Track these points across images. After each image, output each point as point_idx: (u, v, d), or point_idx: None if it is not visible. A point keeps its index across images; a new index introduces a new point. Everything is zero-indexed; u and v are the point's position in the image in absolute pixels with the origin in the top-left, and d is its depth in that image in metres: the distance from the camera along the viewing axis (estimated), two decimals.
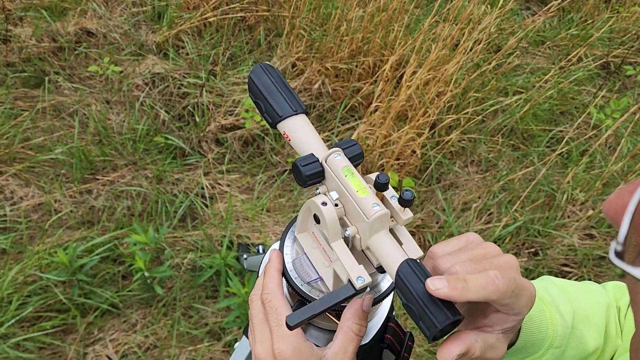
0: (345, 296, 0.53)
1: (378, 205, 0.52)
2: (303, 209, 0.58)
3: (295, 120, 0.59)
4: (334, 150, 0.56)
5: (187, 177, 2.25)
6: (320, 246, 0.59)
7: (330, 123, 2.42)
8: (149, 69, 2.51)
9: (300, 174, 0.54)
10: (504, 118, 2.44)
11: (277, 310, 0.57)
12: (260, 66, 0.62)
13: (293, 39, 2.50)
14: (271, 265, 0.61)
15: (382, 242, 0.52)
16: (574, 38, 2.97)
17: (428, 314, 0.46)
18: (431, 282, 0.47)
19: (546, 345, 0.62)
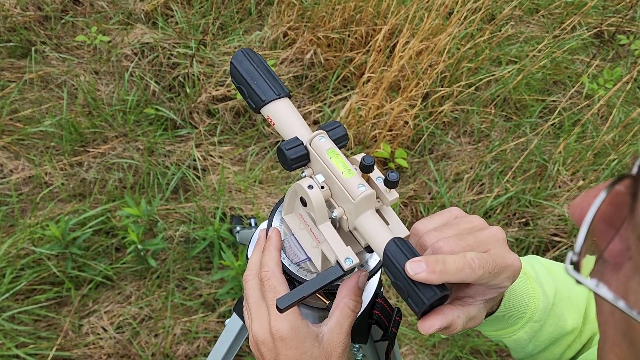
0: (334, 277, 0.53)
1: (363, 186, 0.52)
2: (289, 192, 0.59)
3: (278, 104, 0.58)
4: (318, 133, 0.56)
5: (179, 148, 2.24)
6: (307, 227, 0.59)
7: (322, 93, 2.40)
8: (138, 38, 2.46)
9: (286, 158, 0.54)
10: (497, 88, 2.43)
11: (276, 289, 0.57)
12: (241, 51, 0.61)
13: (284, 8, 2.45)
14: (270, 244, 0.61)
15: (368, 222, 0.53)
16: (569, 6, 2.93)
17: (416, 291, 0.47)
18: (409, 265, 0.48)
19: (525, 319, 0.63)
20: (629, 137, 2.26)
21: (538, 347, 0.65)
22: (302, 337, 0.54)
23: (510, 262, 0.50)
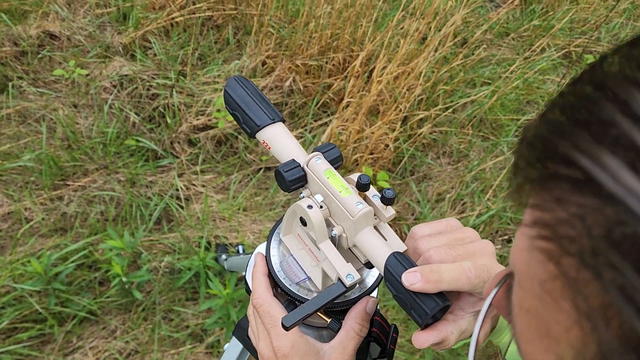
0: (336, 294, 0.55)
1: (361, 204, 0.53)
2: (288, 213, 0.60)
3: (273, 128, 0.60)
4: (314, 155, 0.57)
5: (161, 179, 2.23)
6: (306, 247, 0.60)
7: (302, 120, 2.43)
8: (117, 70, 2.47)
9: (284, 180, 0.56)
10: (473, 109, 2.48)
11: (270, 313, 0.59)
12: (234, 79, 0.63)
13: (262, 37, 2.49)
14: (257, 270, 0.63)
15: (368, 239, 0.54)
16: (537, 29, 3.04)
17: (418, 302, 0.48)
18: (405, 277, 0.49)
19: (507, 325, 0.65)
20: None
21: None
22: (303, 353, 0.56)
23: None
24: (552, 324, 0.25)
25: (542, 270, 0.25)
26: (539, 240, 0.25)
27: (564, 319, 0.24)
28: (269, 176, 2.32)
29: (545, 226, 0.25)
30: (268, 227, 2.15)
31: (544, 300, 0.25)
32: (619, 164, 0.21)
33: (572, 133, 0.23)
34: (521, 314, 0.28)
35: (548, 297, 0.25)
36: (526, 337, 0.28)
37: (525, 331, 0.28)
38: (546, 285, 0.25)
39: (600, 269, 0.21)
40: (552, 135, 0.25)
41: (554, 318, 0.25)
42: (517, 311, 0.29)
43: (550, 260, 0.24)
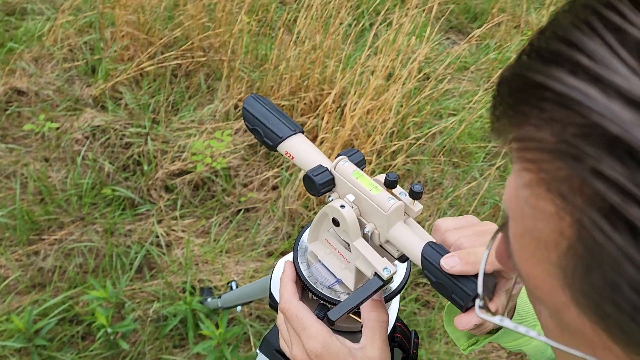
0: (375, 287, 0.56)
1: (393, 199, 0.56)
2: (317, 218, 0.62)
3: (295, 139, 0.63)
4: (341, 158, 0.60)
5: (140, 227, 2.20)
6: (335, 250, 0.62)
7: (278, 159, 2.45)
8: (88, 122, 2.46)
9: (314, 184, 0.58)
10: (443, 139, 2.57)
11: (298, 316, 0.60)
12: (251, 97, 0.66)
13: (233, 81, 2.54)
14: (285, 276, 0.64)
15: (401, 232, 0.56)
16: (493, 61, 3.20)
17: (459, 285, 0.50)
18: (444, 261, 0.51)
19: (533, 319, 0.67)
20: None
21: None
22: (335, 352, 0.57)
23: None
24: (540, 230, 0.29)
25: (527, 188, 0.29)
26: (522, 163, 0.29)
27: (547, 217, 0.28)
28: (248, 217, 2.32)
29: (524, 147, 0.29)
30: (252, 268, 2.13)
31: (531, 214, 0.29)
32: (580, 81, 0.26)
33: (540, 67, 0.28)
34: (517, 243, 0.32)
35: (533, 209, 0.29)
36: (523, 258, 0.31)
37: (522, 254, 0.31)
38: (530, 199, 0.29)
39: (572, 157, 0.26)
40: (524, 70, 0.29)
41: (541, 224, 0.28)
42: (514, 246, 0.32)
43: (531, 171, 0.28)
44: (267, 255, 2.21)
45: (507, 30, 3.46)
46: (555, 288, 0.29)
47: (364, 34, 3.08)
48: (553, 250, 0.28)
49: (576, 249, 0.27)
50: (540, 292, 0.31)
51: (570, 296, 0.29)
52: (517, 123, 0.30)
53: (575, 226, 0.26)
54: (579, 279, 0.27)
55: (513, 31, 3.50)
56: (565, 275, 0.28)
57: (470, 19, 3.64)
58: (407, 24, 2.43)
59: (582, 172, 0.25)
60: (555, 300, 0.30)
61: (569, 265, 0.28)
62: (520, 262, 0.32)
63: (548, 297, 0.30)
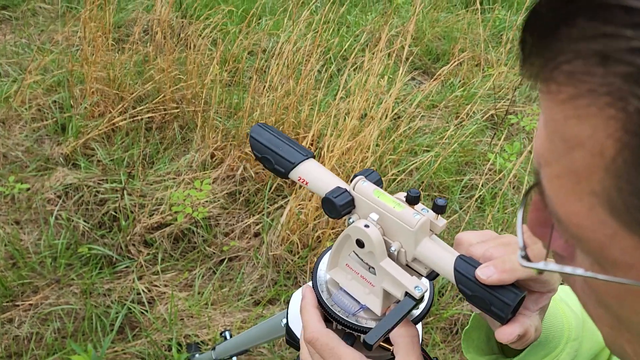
0: (409, 307, 0.54)
1: (418, 214, 0.55)
2: (338, 241, 0.60)
3: (307, 164, 0.62)
4: (359, 178, 0.59)
5: (120, 285, 2.12)
6: (357, 275, 0.60)
7: (258, 205, 2.43)
8: (60, 181, 2.40)
9: (334, 205, 0.56)
10: (420, 174, 2.60)
11: (329, 345, 0.56)
12: (258, 125, 0.65)
13: (208, 131, 2.53)
14: (306, 302, 0.61)
15: (430, 248, 0.55)
16: (459, 98, 3.29)
17: (498, 297, 0.49)
18: (480, 271, 0.50)
19: (565, 339, 0.65)
20: None
21: None
22: None
23: None
24: (577, 161, 0.28)
25: (560, 116, 0.29)
26: (553, 92, 0.29)
27: (584, 140, 0.28)
28: (232, 266, 2.27)
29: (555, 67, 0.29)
30: (239, 318, 2.07)
31: (565, 148, 0.29)
32: None
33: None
34: (553, 188, 0.31)
35: (567, 140, 0.29)
36: (562, 201, 0.31)
37: (561, 196, 0.31)
38: (564, 128, 0.29)
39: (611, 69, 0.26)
40: None
41: (578, 153, 0.28)
42: (551, 192, 0.32)
43: (566, 91, 0.28)
44: (254, 304, 2.15)
45: (469, 69, 3.58)
46: (600, 220, 0.29)
47: (333, 78, 3.14)
48: (594, 177, 0.28)
49: (619, 161, 0.26)
50: (584, 230, 0.30)
51: (617, 222, 0.28)
52: (548, 46, 0.29)
53: (619, 132, 0.26)
54: (627, 193, 0.26)
55: (475, 69, 3.62)
56: (609, 199, 0.27)
57: (432, 59, 3.76)
58: (376, 66, 2.49)
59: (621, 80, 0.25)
60: (601, 236, 0.29)
61: (612, 186, 0.27)
62: (559, 207, 0.31)
63: (592, 234, 0.30)
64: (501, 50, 3.77)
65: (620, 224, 0.28)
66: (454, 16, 4.06)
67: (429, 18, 3.96)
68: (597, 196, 0.28)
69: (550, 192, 0.32)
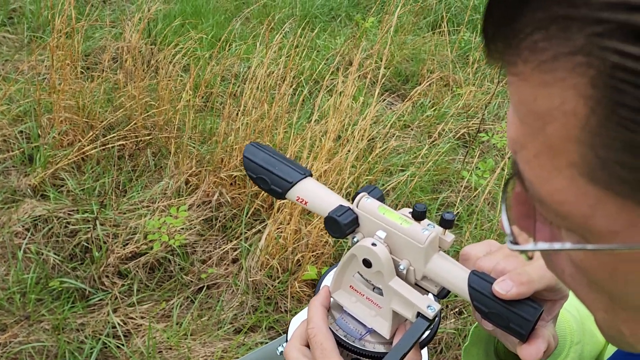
0: (423, 328, 0.52)
1: (427, 230, 0.53)
2: (343, 262, 0.58)
3: (306, 182, 0.60)
4: (362, 195, 0.57)
5: (93, 319, 2.04)
6: (362, 297, 0.58)
7: (235, 231, 2.39)
8: (28, 213, 2.31)
9: (339, 225, 0.54)
10: (397, 194, 2.60)
11: (323, 345, 0.55)
12: (251, 145, 0.63)
13: (182, 157, 2.49)
14: (316, 299, 0.59)
15: (441, 264, 0.53)
16: (431, 118, 3.33)
17: (517, 312, 0.47)
18: (498, 286, 0.49)
19: (568, 343, 0.65)
20: None
21: None
22: None
23: None
24: (552, 134, 0.29)
25: (528, 92, 0.29)
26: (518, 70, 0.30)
27: (557, 107, 0.28)
28: (210, 294, 2.21)
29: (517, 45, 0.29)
30: (220, 348, 2.01)
31: (538, 125, 0.29)
32: None
33: None
34: (532, 170, 0.31)
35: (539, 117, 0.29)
36: (543, 181, 0.31)
37: (541, 176, 0.31)
38: (534, 103, 0.29)
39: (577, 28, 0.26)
40: None
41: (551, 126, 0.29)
42: (530, 175, 0.32)
43: (531, 62, 0.29)
44: (235, 332, 2.09)
45: (438, 89, 3.64)
46: (581, 191, 0.29)
47: (306, 101, 3.14)
48: (570, 147, 0.28)
49: (592, 121, 0.26)
50: (567, 206, 0.30)
51: (598, 189, 0.28)
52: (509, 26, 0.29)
53: (588, 90, 0.26)
54: (605, 150, 0.27)
55: (444, 89, 3.69)
56: (587, 166, 0.28)
57: (402, 81, 3.82)
58: (349, 88, 2.50)
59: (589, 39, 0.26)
60: (584, 208, 0.29)
61: (588, 152, 0.27)
62: (540, 188, 0.31)
63: (576, 207, 0.30)
64: (468, 70, 3.85)
65: (601, 189, 0.28)
66: (420, 38, 4.15)
67: (396, 41, 4.03)
68: (575, 166, 0.28)
69: (530, 175, 0.32)
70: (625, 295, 0.32)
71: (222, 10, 4.23)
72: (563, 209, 0.30)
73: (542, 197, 0.31)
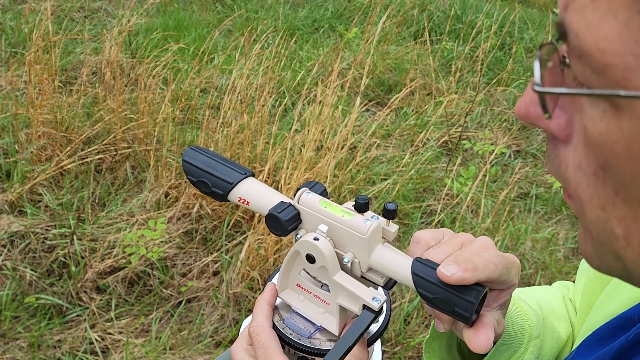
0: (369, 320, 0.52)
1: (369, 220, 0.52)
2: (287, 260, 0.57)
3: (247, 183, 0.59)
4: (303, 191, 0.56)
5: (70, 335, 2.00)
6: (310, 294, 0.57)
7: (216, 243, 2.36)
8: (5, 229, 2.28)
9: (280, 221, 0.53)
10: (379, 203, 2.59)
11: (265, 344, 0.54)
12: (190, 148, 0.62)
13: (161, 170, 2.47)
14: (262, 297, 0.58)
15: (384, 254, 0.53)
16: (414, 127, 3.34)
17: (460, 296, 0.47)
18: (444, 268, 0.48)
19: (527, 337, 0.64)
20: (503, 219, 2.50)
21: None
22: None
23: (513, 258, 0.54)
24: None
25: None
26: None
27: None
28: (190, 308, 2.18)
29: None
30: None
31: None
32: None
33: None
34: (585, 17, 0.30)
35: None
36: (594, 27, 0.30)
37: (592, 23, 0.30)
38: None
39: None
40: None
41: None
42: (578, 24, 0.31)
43: None
44: (215, 345, 2.06)
45: (421, 98, 3.66)
46: (633, 38, 0.28)
47: (287, 112, 3.14)
48: None
49: None
50: (611, 55, 0.29)
51: None
52: None
53: None
54: None
55: (427, 98, 3.70)
56: None
57: (385, 90, 3.83)
58: (329, 97, 2.50)
59: None
60: (630, 58, 0.28)
61: None
62: (587, 36, 0.30)
63: (621, 56, 0.29)
64: (451, 79, 3.87)
65: None
66: (403, 48, 4.17)
67: (379, 51, 4.05)
68: (634, 5, 0.28)
69: (579, 25, 0.31)
70: (634, 182, 0.31)
71: (205, 23, 4.24)
72: (605, 59, 0.29)
73: (585, 47, 0.30)
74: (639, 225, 0.31)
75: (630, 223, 0.32)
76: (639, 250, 0.32)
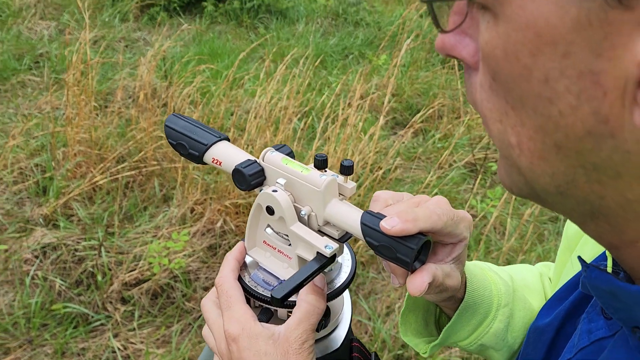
0: (318, 265, 0.54)
1: (325, 175, 0.55)
2: (252, 214, 0.60)
3: (220, 145, 0.63)
4: (268, 149, 0.60)
5: (94, 343, 2.05)
6: (274, 250, 0.60)
7: None
8: (38, 241, 2.38)
9: (244, 176, 0.57)
10: None
11: (228, 293, 0.57)
12: (173, 115, 0.67)
13: (188, 186, 2.54)
14: (230, 253, 0.62)
15: (338, 208, 0.56)
16: (440, 149, 3.33)
17: (402, 243, 0.49)
18: (385, 222, 0.50)
19: (495, 304, 0.65)
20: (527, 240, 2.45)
21: (515, 337, 0.66)
22: (254, 336, 0.53)
23: (463, 214, 0.55)
24: None
25: None
26: None
27: None
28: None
29: None
30: None
31: None
32: None
33: None
34: None
35: None
36: None
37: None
38: None
39: None
40: None
41: None
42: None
43: None
44: None
45: (449, 121, 3.66)
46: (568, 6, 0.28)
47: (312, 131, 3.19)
48: None
49: None
50: (549, 29, 0.29)
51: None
52: None
53: None
54: None
55: (455, 121, 3.70)
56: None
57: (413, 114, 3.85)
58: (353, 117, 2.54)
59: None
60: (565, 27, 0.28)
61: None
62: (520, 8, 0.30)
63: (557, 30, 0.29)
64: None
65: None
66: (431, 73, 4.20)
67: (408, 76, 4.09)
68: None
69: None
70: (513, 83, 0.32)
71: (238, 51, 4.38)
72: (546, 31, 0.29)
73: (518, 20, 0.30)
74: (526, 130, 0.32)
75: (519, 129, 0.33)
76: (530, 156, 0.33)
